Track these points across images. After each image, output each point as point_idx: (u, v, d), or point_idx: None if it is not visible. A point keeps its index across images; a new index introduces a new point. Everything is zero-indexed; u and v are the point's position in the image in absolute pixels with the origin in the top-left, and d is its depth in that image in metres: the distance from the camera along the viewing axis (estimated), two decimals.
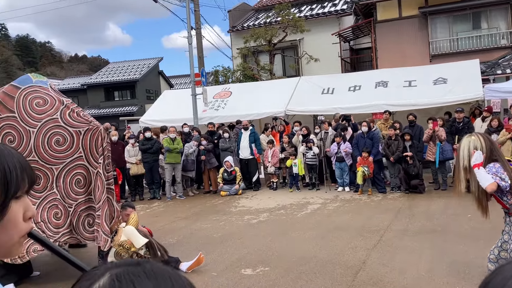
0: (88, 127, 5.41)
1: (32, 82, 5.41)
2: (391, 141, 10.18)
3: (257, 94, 14.42)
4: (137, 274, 0.64)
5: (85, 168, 5.35)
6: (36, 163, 5.17)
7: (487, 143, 3.86)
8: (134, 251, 5.40)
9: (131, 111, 32.82)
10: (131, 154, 11.28)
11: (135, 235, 5.49)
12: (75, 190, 5.33)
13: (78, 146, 5.34)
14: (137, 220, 5.85)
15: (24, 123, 5.18)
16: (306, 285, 4.94)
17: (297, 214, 8.64)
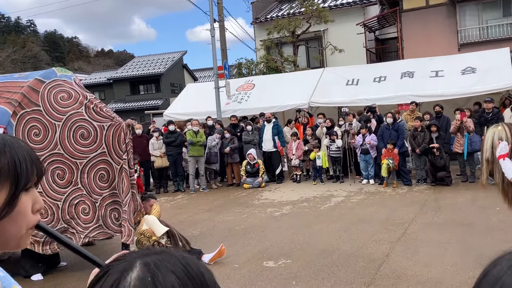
0: (111, 123, 5.44)
1: (57, 76, 5.48)
2: (417, 133, 9.98)
3: (280, 86, 14.36)
4: (171, 261, 0.65)
5: (108, 163, 5.39)
6: (62, 156, 5.25)
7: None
8: (155, 240, 5.48)
9: (156, 104, 33.20)
10: (155, 147, 11.41)
11: (157, 224, 5.57)
12: (99, 185, 5.38)
13: (102, 141, 5.37)
14: (159, 210, 5.93)
15: (49, 116, 5.25)
16: (328, 278, 4.91)
17: (320, 207, 8.59)
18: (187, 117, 14.00)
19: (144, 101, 34.99)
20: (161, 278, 0.62)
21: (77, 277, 5.52)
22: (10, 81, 5.38)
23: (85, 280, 5.26)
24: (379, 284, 4.66)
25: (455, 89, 11.38)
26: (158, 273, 0.62)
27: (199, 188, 11.45)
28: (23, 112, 5.14)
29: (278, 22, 18.48)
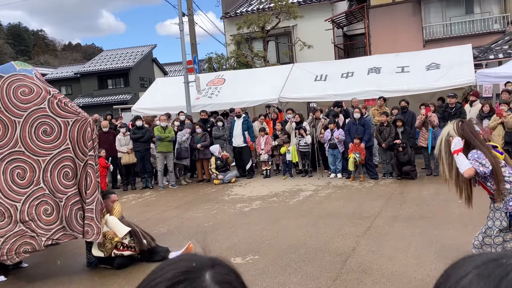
0: (77, 118, 5.28)
1: (16, 70, 5.26)
2: (383, 128, 10.16)
3: (250, 82, 14.36)
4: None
5: (72, 160, 5.23)
6: (23, 155, 5.07)
7: (459, 131, 3.87)
8: (118, 241, 5.40)
9: (124, 99, 32.65)
10: (122, 143, 11.22)
11: (118, 225, 5.48)
12: (63, 184, 5.19)
13: (66, 137, 5.21)
14: (120, 210, 5.84)
15: (9, 113, 5.05)
16: (294, 273, 4.95)
17: (289, 201, 8.65)
18: (156, 112, 13.84)
19: (112, 96, 34.36)
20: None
21: (40, 278, 5.40)
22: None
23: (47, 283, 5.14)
24: (345, 278, 4.73)
25: (420, 84, 11.64)
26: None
27: (168, 184, 11.34)
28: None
29: (247, 17, 18.45)
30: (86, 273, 5.57)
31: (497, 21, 17.52)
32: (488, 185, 3.87)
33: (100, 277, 5.34)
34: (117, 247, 5.40)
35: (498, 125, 9.40)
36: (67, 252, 6.35)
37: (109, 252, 5.37)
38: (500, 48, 15.46)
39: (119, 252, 5.39)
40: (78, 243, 6.26)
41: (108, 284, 5.09)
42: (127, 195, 10.58)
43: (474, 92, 10.96)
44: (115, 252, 5.38)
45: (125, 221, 5.65)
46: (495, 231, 3.83)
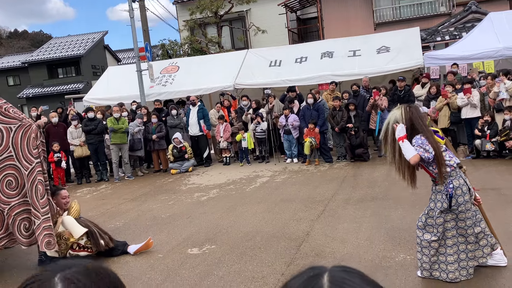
0: (20, 124, 5.03)
1: None
2: (335, 112, 10.39)
3: (205, 68, 14.23)
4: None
5: (16, 168, 4.99)
6: None
7: (407, 116, 4.01)
8: (73, 242, 5.30)
9: (77, 88, 31.61)
10: (74, 136, 10.91)
11: (74, 225, 5.36)
12: (6, 193, 4.96)
13: (8, 144, 4.95)
14: (78, 209, 5.71)
15: None
16: (250, 260, 5.04)
17: (246, 188, 8.74)
18: (109, 102, 13.51)
19: (63, 85, 33.18)
20: None
21: None
22: None
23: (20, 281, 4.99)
24: (298, 263, 4.86)
25: (371, 68, 11.93)
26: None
27: (124, 176, 11.17)
28: None
29: (200, 2, 18.21)
30: None
31: (443, 4, 18.12)
32: (430, 169, 4.05)
33: None
34: (73, 247, 5.30)
35: (444, 106, 9.80)
36: (19, 252, 6.17)
37: (64, 252, 5.27)
38: (446, 30, 16.01)
39: (74, 253, 5.30)
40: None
41: None
42: (81, 189, 10.35)
43: (426, 74, 11.34)
44: (70, 253, 5.29)
45: (82, 220, 5.53)
46: (437, 212, 4.03)
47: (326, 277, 0.72)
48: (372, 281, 0.73)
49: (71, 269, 0.74)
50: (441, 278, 4.06)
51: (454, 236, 4.03)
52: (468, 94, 9.39)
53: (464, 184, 3.96)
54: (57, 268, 0.75)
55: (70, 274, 0.73)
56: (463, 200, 3.93)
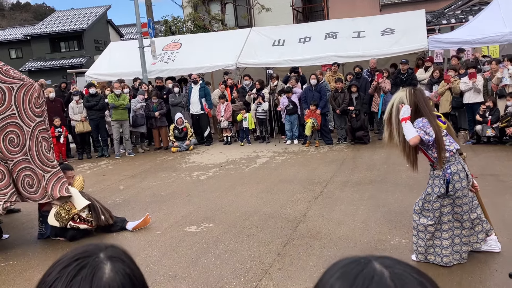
0: (22, 83, 5.12)
1: None
2: (337, 94, 10.34)
3: (208, 46, 14.12)
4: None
5: (18, 126, 5.09)
6: None
7: (412, 98, 4.00)
8: (75, 213, 5.37)
9: (79, 63, 31.47)
10: (76, 111, 10.91)
11: (77, 196, 5.44)
12: (9, 150, 5.07)
13: (11, 103, 5.04)
14: (83, 183, 5.78)
15: None
16: (247, 239, 5.11)
17: (245, 168, 8.78)
18: (110, 78, 13.46)
19: (66, 60, 33.02)
20: None
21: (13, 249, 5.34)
22: None
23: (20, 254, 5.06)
24: (295, 243, 4.93)
25: (375, 50, 11.82)
26: None
27: (125, 152, 11.21)
28: None
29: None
30: (38, 245, 5.54)
31: None
32: (429, 153, 4.06)
33: (53, 249, 5.33)
34: (74, 219, 5.37)
35: (446, 90, 9.75)
36: (19, 225, 6.26)
37: (65, 223, 5.34)
38: (452, 13, 15.80)
39: (75, 225, 5.37)
40: (30, 216, 6.20)
41: None
42: (82, 164, 10.41)
43: (429, 57, 11.24)
44: (71, 224, 5.36)
45: (85, 194, 5.60)
46: (434, 197, 4.06)
47: (378, 264, 0.69)
48: (415, 268, 0.71)
49: (111, 248, 0.81)
50: (436, 262, 4.11)
51: (449, 221, 4.07)
52: (473, 79, 9.33)
53: (462, 170, 3.98)
54: (95, 247, 0.80)
55: (112, 252, 0.80)
56: (460, 186, 3.95)
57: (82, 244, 0.84)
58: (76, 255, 0.79)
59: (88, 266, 0.76)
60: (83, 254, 0.79)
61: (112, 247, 0.82)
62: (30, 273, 4.65)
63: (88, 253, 0.79)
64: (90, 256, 0.78)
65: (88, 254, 0.78)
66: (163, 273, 4.39)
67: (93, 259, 0.77)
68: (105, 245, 0.82)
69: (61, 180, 5.30)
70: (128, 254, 0.84)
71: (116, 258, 0.79)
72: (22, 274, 4.67)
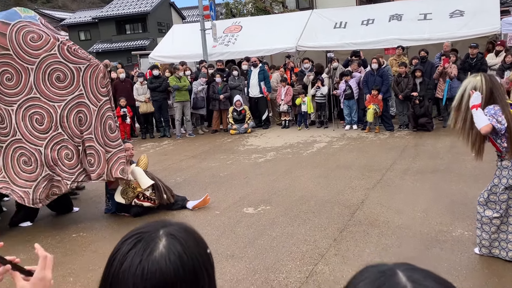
0: (89, 64, 5.33)
1: (21, 17, 5.17)
2: (400, 79, 10.01)
3: (268, 29, 14.09)
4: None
5: (86, 106, 5.32)
6: (39, 101, 5.14)
7: (488, 84, 3.81)
8: (140, 191, 5.64)
9: (143, 45, 32.52)
10: (140, 92, 11.33)
11: (142, 176, 5.71)
12: (78, 129, 5.32)
13: (79, 83, 5.27)
14: (147, 162, 6.04)
15: (21, 59, 5.05)
16: (303, 223, 5.14)
17: (303, 152, 8.77)
18: (173, 60, 13.82)
19: (130, 41, 34.24)
20: None
21: (62, 223, 5.73)
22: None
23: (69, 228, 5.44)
24: (351, 230, 4.90)
25: (442, 33, 11.28)
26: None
27: (185, 133, 11.54)
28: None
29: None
30: (105, 220, 5.88)
31: None
32: (498, 142, 3.87)
33: (118, 224, 5.64)
34: (138, 197, 5.65)
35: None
36: (87, 199, 6.67)
37: (130, 200, 5.63)
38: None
39: (139, 202, 5.65)
40: (97, 191, 6.57)
41: (126, 231, 5.34)
42: (145, 144, 10.84)
43: (501, 41, 10.58)
44: (136, 201, 5.64)
45: (149, 174, 5.86)
46: (501, 189, 3.88)
47: (403, 277, 0.70)
48: (445, 281, 0.71)
49: (172, 226, 0.84)
50: (501, 256, 3.95)
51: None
52: None
53: None
54: (158, 224, 0.84)
55: (172, 230, 0.83)
56: None
57: (145, 220, 0.90)
58: (138, 229, 0.84)
59: (143, 240, 0.80)
60: (144, 229, 0.84)
61: (175, 225, 0.85)
62: (97, 245, 4.97)
63: (149, 229, 0.83)
64: (149, 232, 0.82)
65: (148, 230, 0.83)
66: (221, 252, 4.54)
67: (150, 234, 0.81)
68: (170, 222, 0.86)
69: (119, 160, 5.47)
70: (191, 233, 0.85)
71: (173, 236, 0.81)
72: (90, 246, 5.00)
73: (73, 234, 5.33)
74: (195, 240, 0.84)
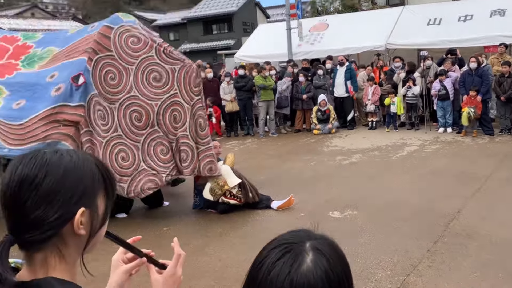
0: (182, 65, 5.58)
1: (123, 22, 5.55)
2: (503, 79, 9.20)
3: (356, 26, 13.70)
4: None
5: (180, 105, 5.56)
6: (138, 99, 5.43)
7: None
8: (227, 189, 5.70)
9: (228, 44, 33.24)
10: (226, 91, 11.53)
11: (230, 175, 5.78)
12: (173, 126, 5.57)
13: (174, 83, 5.53)
14: (233, 160, 6.11)
15: (122, 61, 5.38)
16: (394, 232, 4.87)
17: (392, 156, 8.38)
18: (257, 59, 13.93)
19: (216, 41, 35.17)
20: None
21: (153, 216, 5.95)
22: (85, 37, 5.55)
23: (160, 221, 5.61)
24: (447, 241, 4.55)
25: None
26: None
27: (269, 132, 11.56)
28: (97, 57, 5.29)
29: None
30: (193, 215, 6.03)
31: None
32: None
33: (206, 220, 5.75)
34: (225, 194, 5.73)
35: None
36: (177, 195, 6.89)
37: (218, 197, 5.73)
38: None
39: (226, 200, 5.73)
40: (186, 187, 6.76)
41: (214, 226, 5.48)
42: (230, 142, 11.02)
43: None
44: (223, 199, 5.73)
45: (236, 172, 5.92)
46: None
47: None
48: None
49: (318, 240, 0.84)
50: None
51: None
52: None
53: None
54: (303, 235, 0.85)
55: (318, 244, 0.83)
56: None
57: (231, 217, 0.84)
58: (285, 239, 0.85)
59: (292, 251, 0.82)
60: (290, 239, 0.85)
61: (320, 238, 0.85)
62: (186, 239, 5.07)
63: (295, 240, 0.84)
64: (297, 243, 0.83)
65: (295, 241, 0.84)
66: None
67: (298, 246, 0.82)
68: (314, 235, 0.86)
69: (206, 159, 5.61)
70: (335, 248, 0.85)
71: (319, 250, 0.82)
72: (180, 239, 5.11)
73: (164, 228, 5.51)
74: (339, 256, 0.85)
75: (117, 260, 1.18)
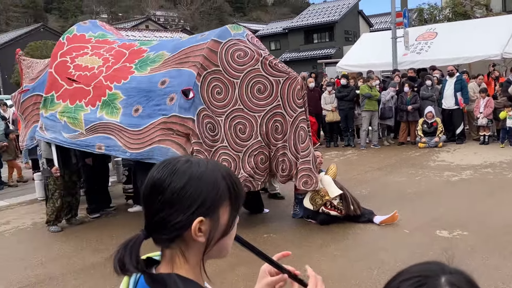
0: (287, 77, 5.65)
1: (231, 36, 5.77)
2: None
3: (467, 35, 12.95)
4: None
5: (282, 116, 5.64)
6: (242, 111, 5.63)
7: None
8: (328, 200, 5.69)
9: (328, 53, 33.08)
10: (327, 101, 11.50)
11: (331, 185, 5.76)
12: (274, 137, 5.68)
13: (277, 95, 5.63)
14: (336, 172, 6.07)
15: (228, 75, 5.62)
16: (510, 257, 4.50)
17: (507, 174, 7.73)
18: (360, 69, 13.71)
19: (317, 50, 35.17)
20: None
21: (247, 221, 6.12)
22: (194, 45, 5.87)
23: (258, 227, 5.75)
24: None
25: None
26: None
27: (370, 144, 11.29)
28: (205, 73, 5.60)
29: None
30: (293, 223, 6.10)
31: None
32: None
33: (306, 229, 5.78)
34: (326, 205, 5.73)
35: None
36: (277, 202, 7.03)
37: (318, 207, 5.74)
38: None
39: (326, 210, 5.73)
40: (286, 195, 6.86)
41: (314, 236, 5.49)
42: (329, 152, 10.96)
43: None
44: (323, 209, 5.73)
45: (338, 183, 5.90)
46: None
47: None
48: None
49: (453, 275, 0.79)
50: None
51: None
52: None
53: None
54: (437, 268, 0.81)
55: (455, 280, 0.78)
56: None
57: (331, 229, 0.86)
58: (419, 271, 0.82)
59: (426, 286, 0.78)
60: (425, 272, 0.81)
61: (455, 273, 0.81)
62: (286, 247, 5.15)
63: (429, 273, 0.80)
64: (431, 277, 0.79)
65: (429, 274, 0.80)
66: None
67: (433, 280, 0.78)
68: (450, 269, 0.82)
69: (302, 172, 5.58)
70: (473, 285, 0.80)
71: (456, 286, 0.77)
72: (278, 248, 5.21)
73: (264, 235, 5.65)
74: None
75: (264, 271, 1.21)
